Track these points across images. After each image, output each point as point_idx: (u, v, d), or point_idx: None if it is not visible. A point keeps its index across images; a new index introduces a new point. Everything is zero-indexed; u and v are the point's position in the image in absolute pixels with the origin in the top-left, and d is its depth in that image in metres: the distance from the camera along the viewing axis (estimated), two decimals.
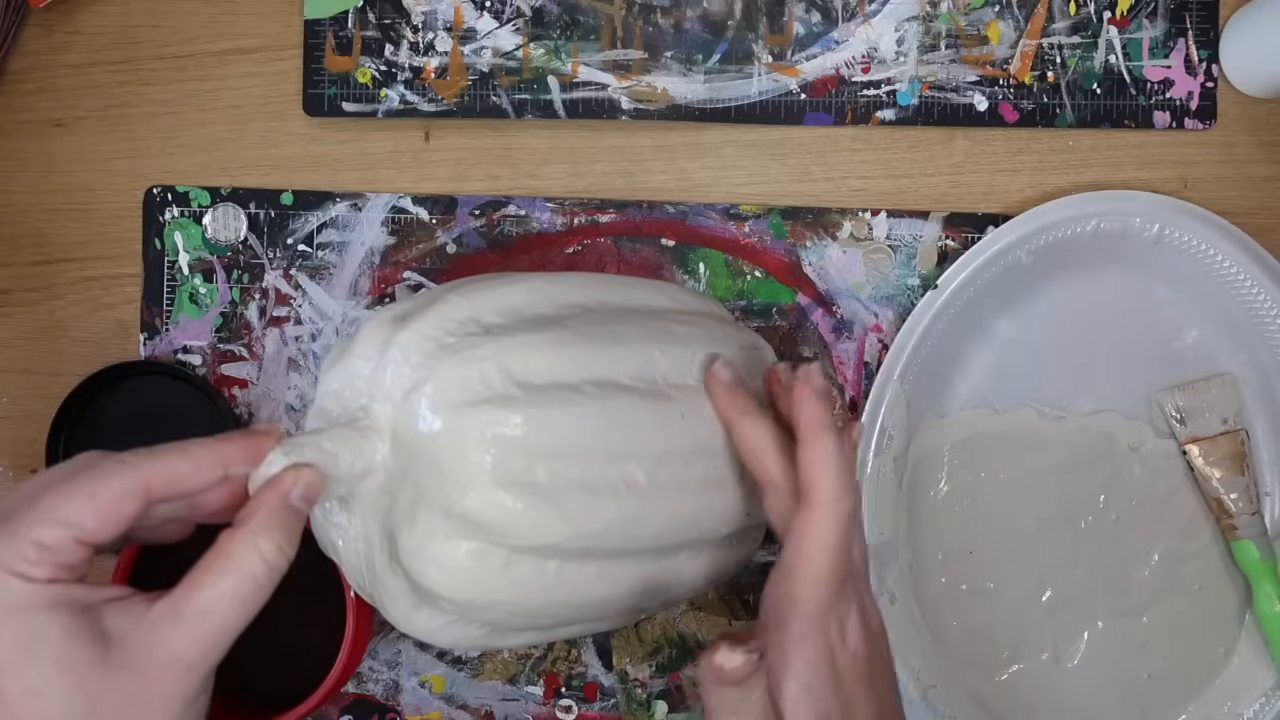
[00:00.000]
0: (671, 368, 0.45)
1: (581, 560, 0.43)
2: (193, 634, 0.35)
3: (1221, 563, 0.57)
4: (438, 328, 0.42)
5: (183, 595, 0.35)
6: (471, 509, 0.40)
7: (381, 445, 0.41)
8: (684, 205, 0.58)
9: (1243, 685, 0.57)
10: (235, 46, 0.58)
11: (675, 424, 0.44)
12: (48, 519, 0.34)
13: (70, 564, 0.34)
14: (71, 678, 0.33)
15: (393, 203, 0.58)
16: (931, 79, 0.57)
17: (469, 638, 0.44)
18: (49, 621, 0.33)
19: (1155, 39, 0.57)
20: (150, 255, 0.58)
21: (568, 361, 0.43)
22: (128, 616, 0.35)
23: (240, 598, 0.35)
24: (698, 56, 0.57)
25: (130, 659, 0.34)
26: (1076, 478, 0.57)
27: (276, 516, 0.37)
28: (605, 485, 0.42)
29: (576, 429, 0.42)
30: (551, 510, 0.41)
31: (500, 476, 0.40)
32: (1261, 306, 0.56)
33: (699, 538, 0.46)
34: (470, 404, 0.40)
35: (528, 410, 0.41)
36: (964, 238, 0.57)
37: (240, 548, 0.36)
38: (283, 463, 0.38)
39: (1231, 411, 0.56)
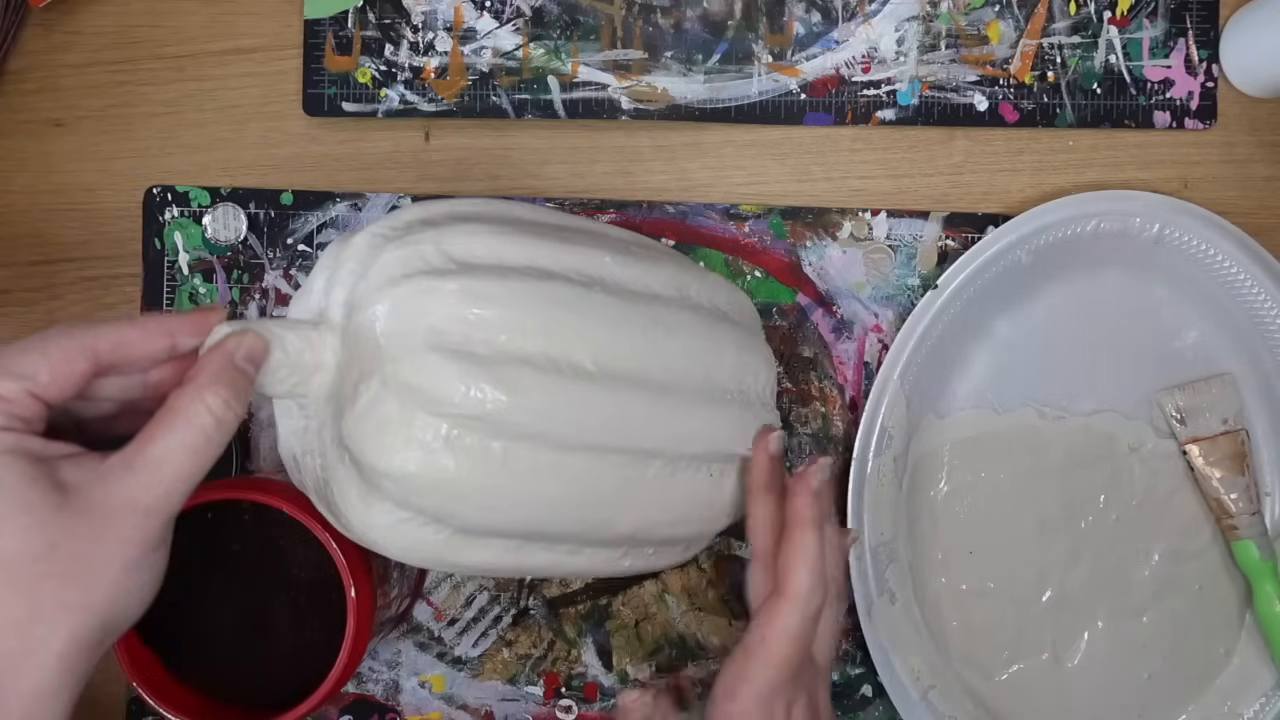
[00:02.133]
0: (624, 274, 0.45)
1: (531, 444, 0.42)
2: (147, 481, 0.36)
3: (1222, 563, 0.57)
4: (384, 226, 0.43)
5: (135, 448, 0.36)
6: (408, 375, 0.40)
7: (332, 339, 0.42)
8: (684, 205, 0.58)
9: (1243, 685, 0.57)
10: (235, 46, 0.58)
11: (630, 325, 0.44)
12: (2, 371, 0.35)
13: (24, 416, 0.35)
14: (30, 518, 0.34)
15: (393, 203, 0.57)
16: (932, 79, 0.57)
17: (427, 545, 0.43)
18: (6, 465, 0.34)
19: (1155, 39, 0.57)
20: (150, 255, 0.58)
21: (509, 247, 0.43)
22: (83, 468, 0.36)
23: (190, 448, 0.37)
24: (698, 56, 0.57)
25: (88, 504, 0.35)
26: (1077, 478, 0.57)
27: (223, 372, 0.38)
28: (548, 364, 0.42)
29: (516, 304, 0.42)
30: (488, 377, 0.41)
31: (434, 342, 0.41)
32: (1261, 306, 0.56)
33: (669, 450, 0.45)
34: (408, 276, 0.41)
35: (463, 280, 0.41)
36: (964, 238, 0.57)
37: (187, 401, 0.37)
38: (225, 331, 0.40)
39: (1232, 411, 0.56)
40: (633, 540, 0.46)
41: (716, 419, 0.46)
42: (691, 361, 0.46)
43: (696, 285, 0.48)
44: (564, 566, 0.46)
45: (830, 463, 0.46)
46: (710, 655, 0.57)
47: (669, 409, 0.45)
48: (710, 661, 0.57)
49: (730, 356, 0.47)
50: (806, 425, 0.57)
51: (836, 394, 0.57)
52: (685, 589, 0.57)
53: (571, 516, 0.44)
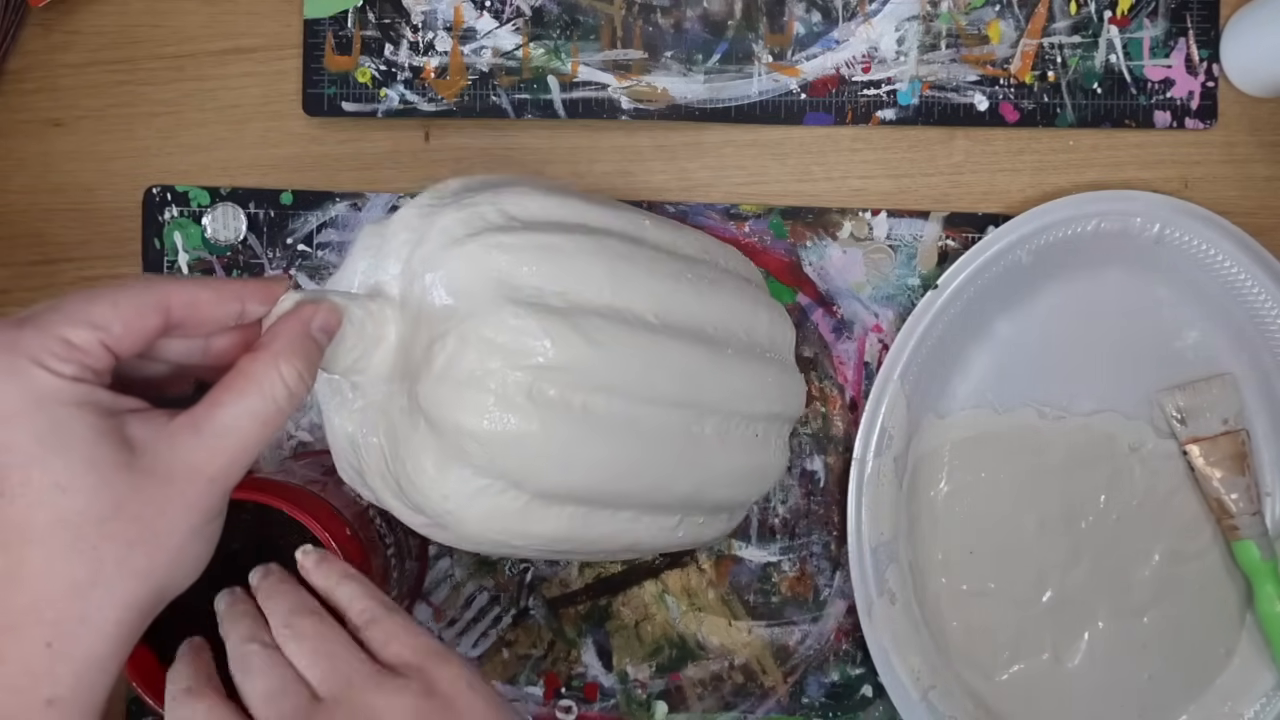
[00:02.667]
0: (663, 236, 0.47)
1: (608, 396, 0.42)
2: (213, 449, 0.35)
3: (1222, 563, 0.57)
4: (432, 197, 0.44)
5: (204, 412, 0.35)
6: (487, 331, 0.40)
7: (392, 312, 0.42)
8: (684, 205, 0.58)
9: (1243, 686, 0.57)
10: (235, 46, 0.58)
11: (681, 280, 0.45)
12: (74, 319, 0.34)
13: (96, 367, 0.34)
14: (97, 476, 0.33)
15: (392, 203, 0.57)
16: (932, 79, 0.57)
17: (503, 514, 0.42)
18: (76, 418, 0.33)
19: (1156, 38, 0.57)
20: (150, 255, 0.58)
21: (561, 206, 0.44)
22: (150, 426, 0.35)
23: (260, 418, 0.36)
24: (698, 56, 0.57)
25: (153, 466, 0.34)
26: (1077, 478, 0.57)
27: (297, 341, 0.37)
28: (616, 315, 0.42)
29: (582, 257, 0.42)
30: (568, 327, 0.41)
31: (510, 295, 0.41)
32: (1262, 306, 0.56)
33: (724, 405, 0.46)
34: (471, 235, 0.41)
35: (531, 234, 0.42)
36: (964, 238, 0.57)
37: (261, 369, 0.36)
38: (296, 298, 0.39)
39: (1232, 411, 0.56)
40: (689, 504, 0.47)
41: (763, 376, 0.47)
42: (735, 317, 0.47)
43: (721, 252, 0.50)
44: (624, 535, 0.46)
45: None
46: (710, 655, 0.57)
47: (723, 363, 0.46)
48: (710, 661, 0.57)
49: (764, 315, 0.49)
50: (806, 425, 0.57)
51: (836, 394, 0.57)
52: (685, 589, 0.57)
53: (641, 475, 0.44)
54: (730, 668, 0.57)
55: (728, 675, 0.57)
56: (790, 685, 0.57)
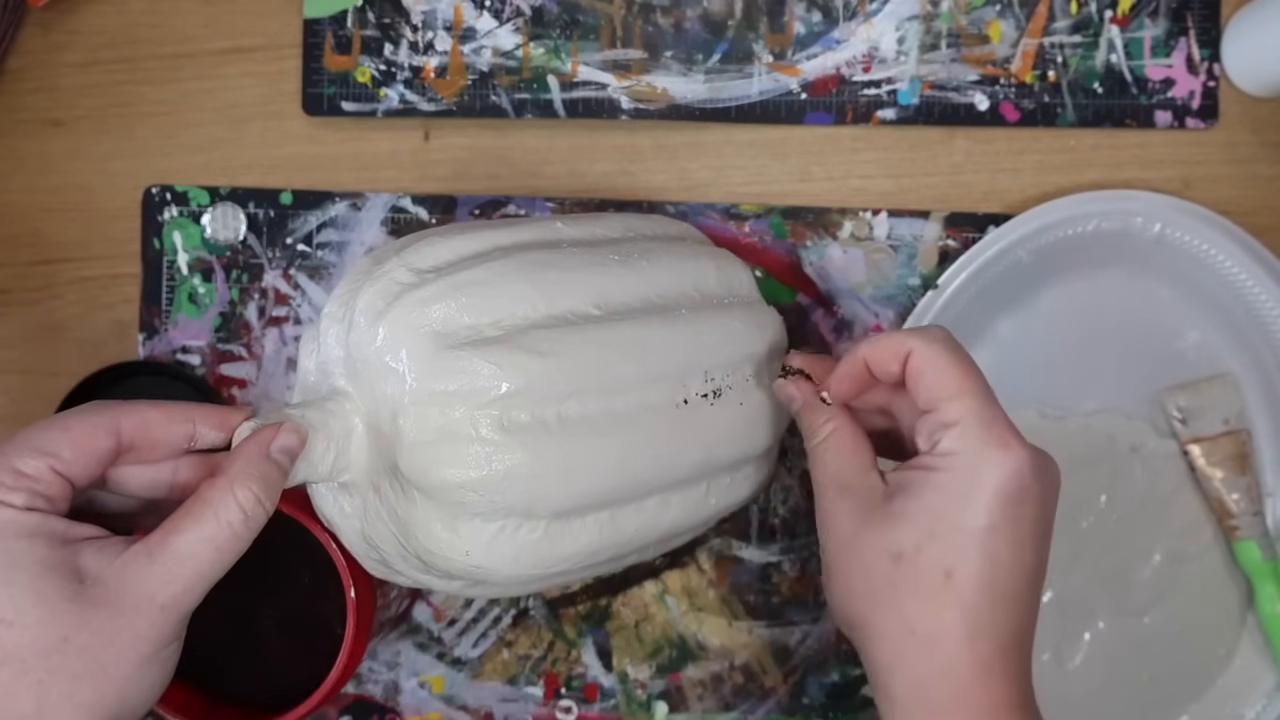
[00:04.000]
0: (579, 231, 0.47)
1: (578, 401, 0.42)
2: (167, 576, 0.35)
3: (1223, 563, 0.57)
4: (346, 283, 0.44)
5: (159, 539, 0.35)
6: (437, 383, 0.40)
7: (351, 404, 0.42)
8: (684, 205, 0.57)
9: (1244, 686, 0.57)
10: (234, 46, 0.58)
11: (609, 264, 0.45)
12: (25, 448, 0.35)
13: (48, 495, 0.35)
14: (45, 609, 0.33)
15: (392, 202, 0.57)
16: (932, 78, 0.57)
17: (530, 549, 0.42)
18: (25, 550, 0.33)
19: (1157, 38, 0.57)
20: (149, 255, 0.58)
21: (468, 241, 0.44)
22: (103, 556, 0.35)
23: (216, 544, 0.36)
24: (698, 56, 0.57)
25: (104, 596, 0.34)
26: (1078, 478, 0.57)
27: (255, 465, 0.37)
28: (556, 321, 0.43)
29: (501, 281, 0.42)
30: (511, 351, 0.41)
31: (448, 341, 0.41)
32: (1263, 306, 0.55)
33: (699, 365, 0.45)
34: (391, 302, 0.41)
35: (444, 278, 0.42)
36: (965, 238, 0.57)
37: (217, 494, 0.36)
38: (254, 425, 0.39)
39: (1233, 411, 0.56)
40: (706, 469, 0.46)
41: (728, 324, 0.47)
42: (679, 276, 0.47)
43: (645, 224, 0.50)
44: (659, 522, 0.46)
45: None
46: (710, 656, 0.57)
47: (680, 326, 0.45)
48: (710, 662, 0.57)
49: (709, 263, 0.48)
50: None
51: None
52: (685, 589, 0.57)
53: (643, 460, 0.44)
54: (730, 668, 0.57)
55: (728, 675, 0.57)
56: (790, 685, 0.57)
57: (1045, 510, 0.40)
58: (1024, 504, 0.39)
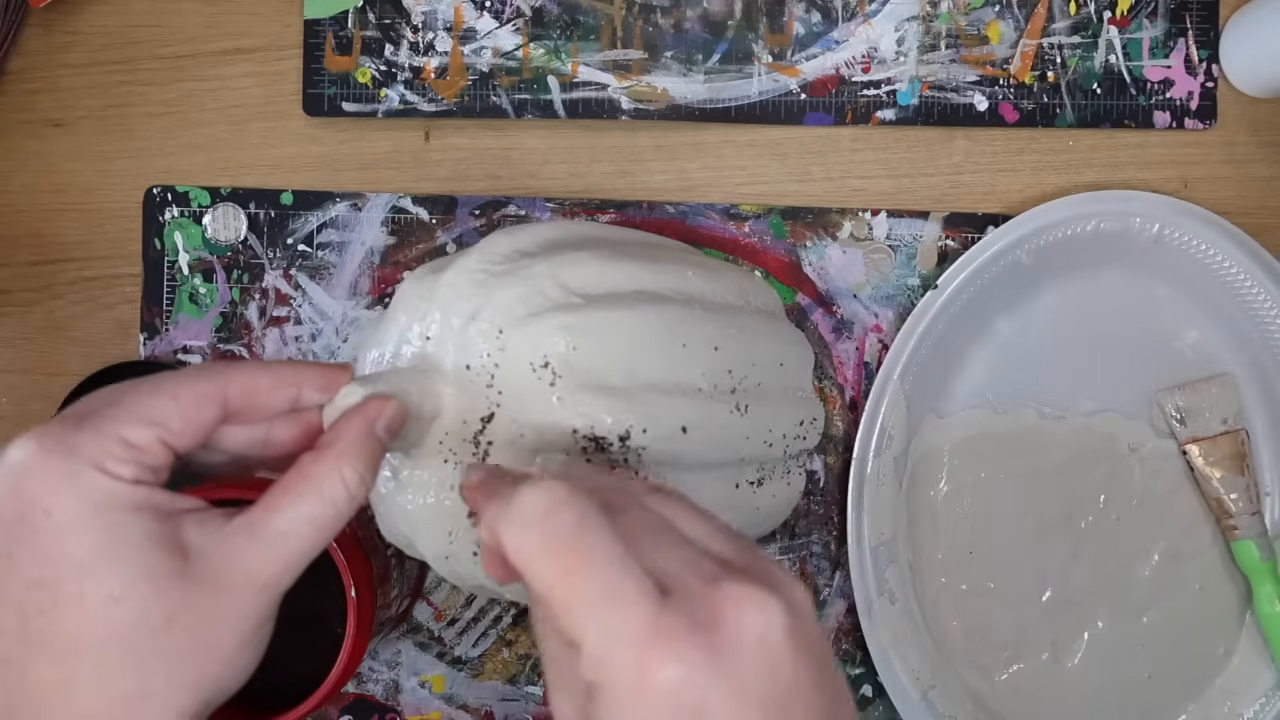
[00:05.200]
0: (706, 288, 0.47)
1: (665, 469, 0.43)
2: (268, 555, 0.34)
3: (1222, 563, 0.57)
4: (484, 261, 0.43)
5: (261, 515, 0.34)
6: (557, 417, 0.40)
7: (446, 387, 0.41)
8: (684, 205, 0.58)
9: (1243, 685, 0.57)
10: (235, 46, 0.58)
11: (728, 339, 0.46)
12: (134, 416, 0.33)
13: (155, 466, 0.33)
14: (151, 586, 0.32)
15: (393, 203, 0.57)
16: (931, 79, 0.57)
17: None
18: (133, 525, 0.32)
19: (1155, 39, 0.57)
20: (150, 255, 0.58)
21: (617, 273, 0.44)
22: (205, 530, 0.33)
23: (318, 523, 0.34)
24: (698, 56, 0.57)
25: (207, 573, 0.33)
26: (1076, 478, 0.57)
27: (361, 442, 0.36)
28: (675, 389, 0.43)
29: (643, 331, 0.42)
30: (633, 410, 0.41)
31: (579, 380, 0.41)
32: (1261, 306, 0.56)
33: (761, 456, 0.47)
34: (535, 315, 0.41)
35: (595, 312, 0.41)
36: (964, 238, 0.57)
37: (323, 471, 0.35)
38: (361, 393, 0.38)
39: (1231, 411, 0.56)
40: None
41: (792, 420, 0.49)
42: (772, 362, 0.48)
43: (752, 289, 0.50)
44: None
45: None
46: None
47: (764, 416, 0.47)
48: None
49: (794, 353, 0.50)
50: None
51: (836, 394, 0.57)
52: None
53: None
54: None
55: None
56: None
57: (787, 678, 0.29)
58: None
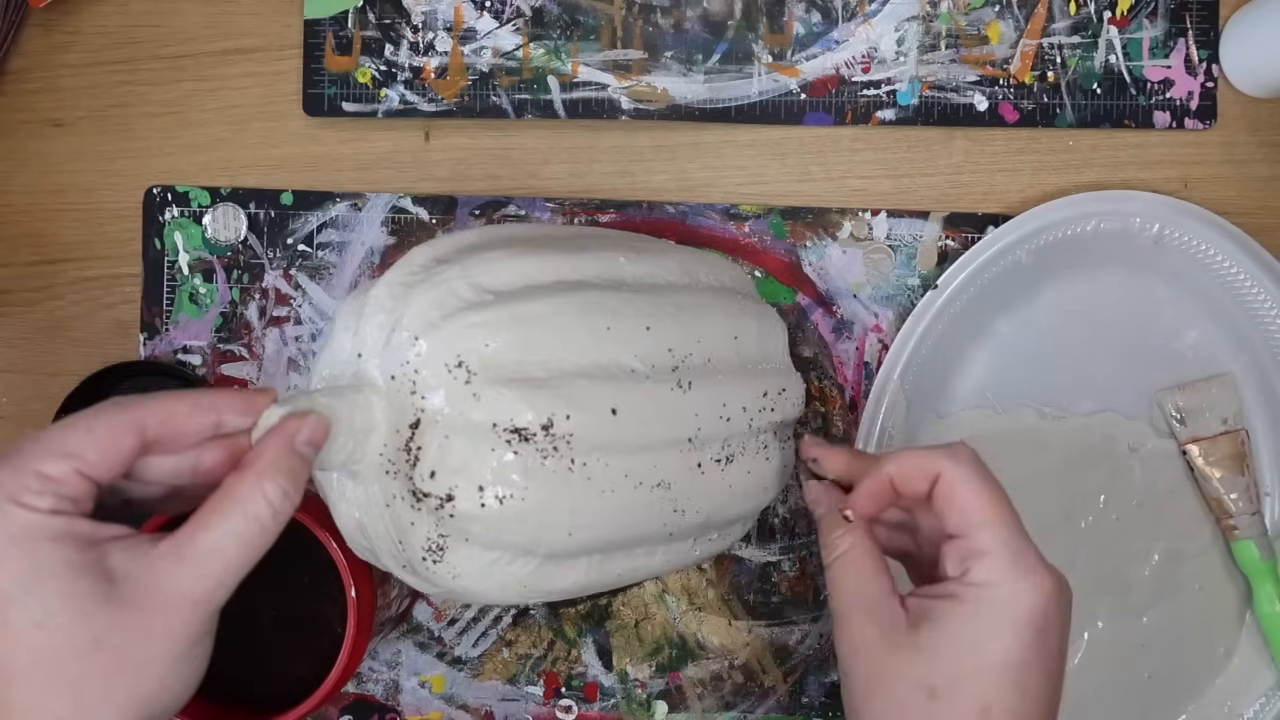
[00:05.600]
0: (640, 271, 0.46)
1: (604, 454, 0.42)
2: (196, 572, 0.35)
3: (1222, 563, 0.57)
4: (402, 273, 0.43)
5: (187, 535, 0.35)
6: (474, 414, 0.40)
7: (377, 399, 0.41)
8: (684, 205, 0.58)
9: (1243, 685, 0.57)
10: (235, 46, 0.58)
11: (663, 317, 0.44)
12: (48, 451, 0.34)
13: (73, 496, 0.34)
14: (75, 610, 0.33)
15: (393, 203, 0.58)
16: (931, 79, 0.57)
17: (518, 581, 0.43)
18: (53, 553, 0.33)
19: (1155, 39, 0.57)
20: (150, 255, 0.58)
21: (533, 267, 0.43)
22: (131, 554, 0.34)
23: (244, 539, 0.35)
24: (698, 56, 0.57)
25: (134, 595, 0.34)
26: (1076, 478, 0.57)
27: (281, 458, 0.37)
28: (601, 372, 0.42)
29: (558, 319, 0.42)
30: (554, 398, 0.41)
31: (494, 375, 0.40)
32: (1261, 306, 0.56)
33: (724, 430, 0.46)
34: (447, 317, 0.41)
35: (506, 307, 0.41)
36: (964, 238, 0.57)
37: (244, 489, 0.36)
38: (281, 413, 0.38)
39: (1231, 411, 0.56)
40: (702, 529, 0.47)
41: (757, 390, 0.47)
42: (722, 339, 0.46)
43: (703, 268, 0.49)
44: (644, 570, 0.47)
45: None
46: (710, 655, 0.57)
47: (716, 394, 0.45)
48: (710, 661, 0.57)
49: (752, 325, 0.48)
50: (806, 425, 0.57)
51: (836, 394, 0.57)
52: (685, 589, 0.57)
53: (649, 519, 0.44)
54: (730, 667, 0.57)
55: (728, 675, 0.57)
56: (790, 685, 0.57)
57: (1066, 636, 0.42)
58: (1050, 635, 0.40)
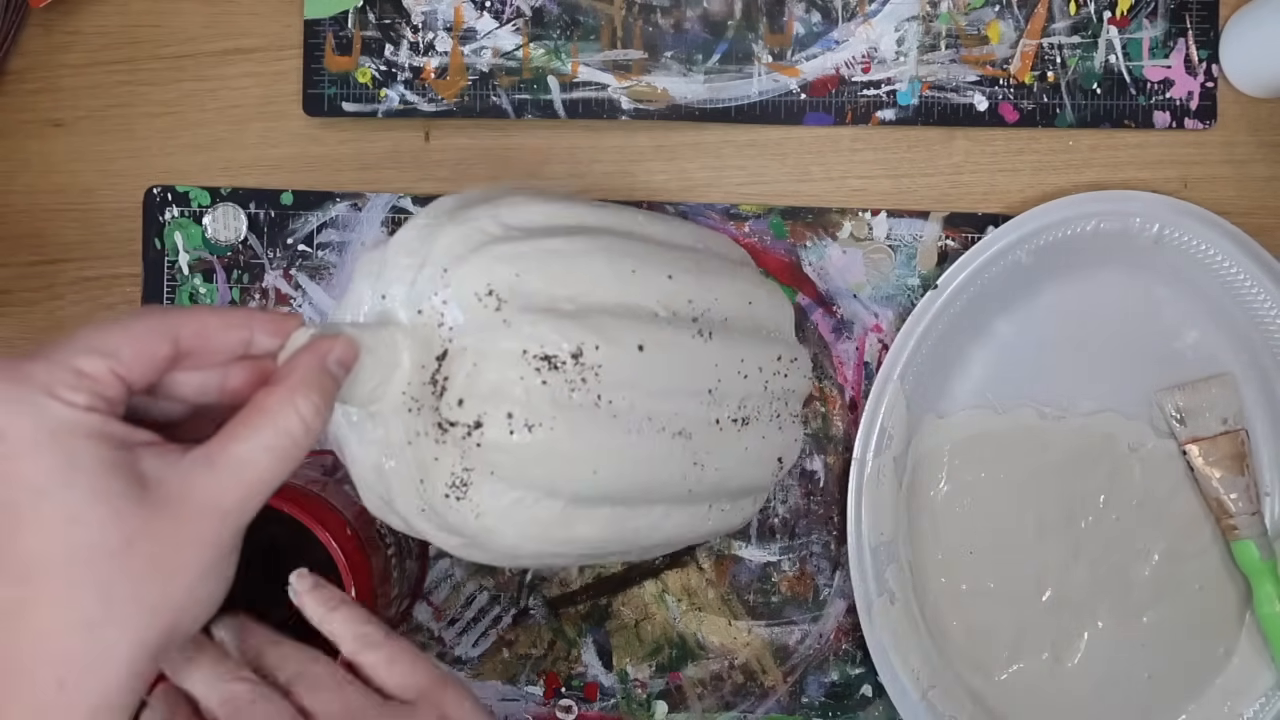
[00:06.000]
0: (659, 230, 0.47)
1: (632, 393, 0.42)
2: (227, 483, 0.34)
3: (1222, 563, 0.57)
4: (427, 216, 0.43)
5: (218, 446, 0.35)
6: (506, 343, 0.40)
7: (403, 337, 0.41)
8: (684, 205, 0.58)
9: (1243, 685, 0.57)
10: (235, 46, 0.58)
11: (682, 270, 0.45)
12: (85, 347, 0.34)
13: (108, 396, 0.34)
14: (109, 509, 0.32)
15: (393, 203, 0.58)
16: (931, 79, 0.57)
17: (541, 524, 0.42)
18: (88, 450, 0.32)
19: (1155, 39, 0.57)
20: (150, 255, 0.58)
21: (559, 211, 0.44)
22: (163, 460, 0.34)
23: (275, 453, 0.35)
24: (698, 56, 0.57)
25: (166, 500, 0.33)
26: (1077, 478, 0.57)
27: (313, 375, 0.37)
28: (626, 312, 0.42)
29: (586, 257, 0.42)
30: (585, 329, 0.41)
31: (524, 304, 0.41)
32: (1261, 306, 0.56)
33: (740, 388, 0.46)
34: (473, 250, 0.41)
35: (534, 241, 0.42)
36: (964, 238, 0.57)
37: (276, 403, 0.35)
38: (310, 333, 0.38)
39: (1231, 411, 0.56)
40: (716, 492, 0.47)
41: (770, 355, 0.47)
42: (738, 300, 0.47)
43: (712, 239, 0.50)
44: (658, 531, 0.46)
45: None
46: (710, 655, 0.57)
47: (734, 349, 0.46)
48: (710, 661, 0.57)
49: (763, 294, 0.49)
50: (806, 425, 0.57)
51: (836, 394, 0.57)
52: (685, 589, 0.57)
53: (669, 469, 0.44)
54: (730, 667, 0.57)
55: (728, 675, 0.57)
56: (790, 685, 0.57)
57: None
58: None
